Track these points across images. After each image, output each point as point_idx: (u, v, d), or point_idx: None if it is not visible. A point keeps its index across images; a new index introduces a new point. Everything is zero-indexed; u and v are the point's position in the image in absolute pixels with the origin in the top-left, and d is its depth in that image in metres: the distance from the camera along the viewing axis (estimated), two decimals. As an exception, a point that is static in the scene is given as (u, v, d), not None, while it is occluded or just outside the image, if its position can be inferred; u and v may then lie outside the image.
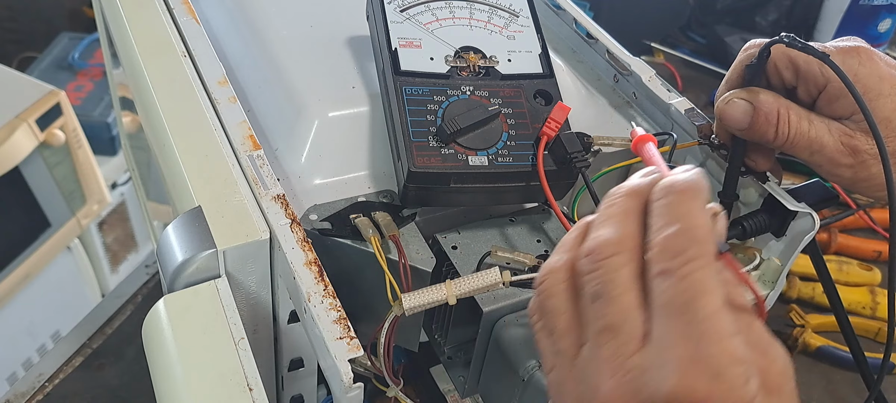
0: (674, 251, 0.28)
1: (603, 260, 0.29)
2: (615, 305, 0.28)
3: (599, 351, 0.28)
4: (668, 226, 0.28)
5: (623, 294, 0.28)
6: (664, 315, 0.27)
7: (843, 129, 0.42)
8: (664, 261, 0.28)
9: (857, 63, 0.41)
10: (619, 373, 0.27)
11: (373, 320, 0.40)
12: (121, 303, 0.73)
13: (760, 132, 0.43)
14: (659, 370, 0.27)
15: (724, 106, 0.44)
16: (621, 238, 0.29)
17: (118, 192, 1.43)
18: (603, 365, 0.28)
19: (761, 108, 0.42)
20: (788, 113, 0.42)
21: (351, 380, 0.32)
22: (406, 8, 0.47)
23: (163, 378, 0.34)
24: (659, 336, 0.27)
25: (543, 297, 0.31)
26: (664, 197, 0.29)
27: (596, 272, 0.29)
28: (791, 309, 0.75)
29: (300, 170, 0.45)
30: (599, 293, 0.29)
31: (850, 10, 1.03)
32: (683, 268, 0.27)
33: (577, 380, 0.29)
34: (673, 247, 0.28)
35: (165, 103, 0.44)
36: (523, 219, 0.46)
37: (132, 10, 0.50)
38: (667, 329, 0.27)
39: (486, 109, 0.43)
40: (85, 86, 1.42)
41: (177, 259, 0.36)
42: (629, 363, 0.27)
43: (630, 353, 0.28)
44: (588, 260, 0.29)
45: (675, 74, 1.07)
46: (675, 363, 0.26)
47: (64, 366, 0.67)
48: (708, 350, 0.26)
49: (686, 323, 0.27)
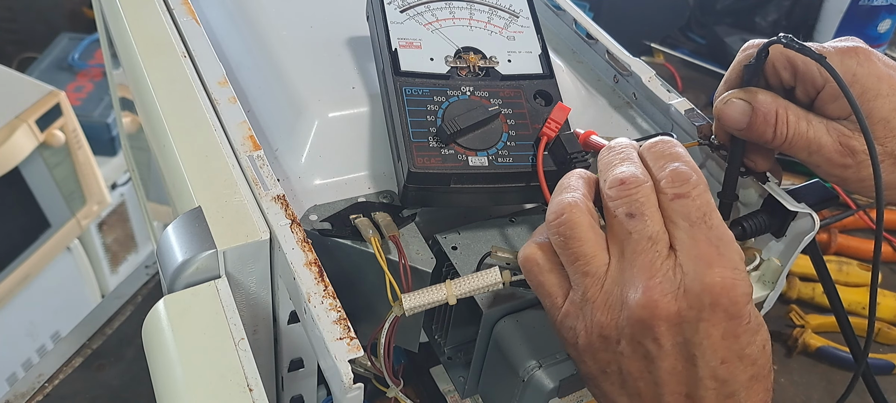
0: (683, 178, 0.34)
1: (636, 187, 0.34)
2: (652, 220, 0.34)
3: (637, 259, 0.33)
4: (672, 162, 0.35)
5: (655, 213, 0.34)
6: (686, 227, 0.34)
7: (841, 130, 0.42)
8: (678, 187, 0.34)
9: (855, 63, 0.42)
10: (658, 275, 0.33)
11: (373, 320, 0.40)
12: (121, 304, 0.73)
13: (759, 132, 0.43)
14: (694, 265, 0.33)
15: (722, 106, 0.44)
16: (643, 172, 0.35)
17: (118, 193, 1.43)
18: (641, 272, 0.33)
19: (759, 109, 0.43)
20: (787, 113, 0.42)
21: (351, 381, 0.32)
22: (406, 8, 0.47)
23: (163, 379, 0.34)
24: (685, 243, 0.33)
25: (567, 228, 0.35)
26: (656, 146, 0.36)
27: (629, 197, 0.34)
28: (791, 310, 0.75)
29: (300, 171, 0.45)
30: (636, 211, 0.34)
31: (849, 10, 1.03)
32: (694, 191, 0.34)
33: (609, 293, 0.34)
34: (682, 176, 0.34)
35: (165, 103, 0.44)
36: (523, 220, 0.46)
37: (132, 11, 0.50)
38: (691, 237, 0.33)
39: (486, 110, 0.43)
40: (85, 87, 1.42)
41: (177, 259, 0.36)
42: (666, 264, 0.33)
43: (666, 256, 0.33)
44: (621, 188, 0.35)
45: (675, 75, 1.07)
46: (705, 260, 0.33)
47: (64, 367, 0.67)
48: (725, 249, 0.33)
49: (706, 231, 0.33)
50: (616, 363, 0.35)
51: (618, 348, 0.34)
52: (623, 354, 0.34)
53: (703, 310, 0.33)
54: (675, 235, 0.34)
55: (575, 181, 0.37)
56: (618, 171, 0.36)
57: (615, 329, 0.34)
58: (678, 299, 0.33)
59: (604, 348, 0.35)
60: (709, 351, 0.33)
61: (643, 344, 0.34)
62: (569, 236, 0.35)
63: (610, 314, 0.34)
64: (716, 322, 0.33)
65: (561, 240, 0.35)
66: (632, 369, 0.35)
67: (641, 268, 0.33)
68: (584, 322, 0.35)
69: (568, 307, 0.36)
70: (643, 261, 0.33)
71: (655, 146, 0.36)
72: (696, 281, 0.33)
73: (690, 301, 0.33)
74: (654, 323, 0.33)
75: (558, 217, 0.35)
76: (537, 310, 0.42)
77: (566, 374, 0.39)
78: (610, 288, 0.34)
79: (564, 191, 0.36)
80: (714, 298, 0.32)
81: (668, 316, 0.33)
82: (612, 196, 0.35)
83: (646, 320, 0.33)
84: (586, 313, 0.35)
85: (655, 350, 0.33)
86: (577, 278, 0.35)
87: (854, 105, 0.40)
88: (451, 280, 0.37)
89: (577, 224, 0.35)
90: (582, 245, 0.35)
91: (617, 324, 0.34)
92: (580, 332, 0.35)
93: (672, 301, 0.33)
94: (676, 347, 0.33)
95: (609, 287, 0.34)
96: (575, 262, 0.35)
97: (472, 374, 0.45)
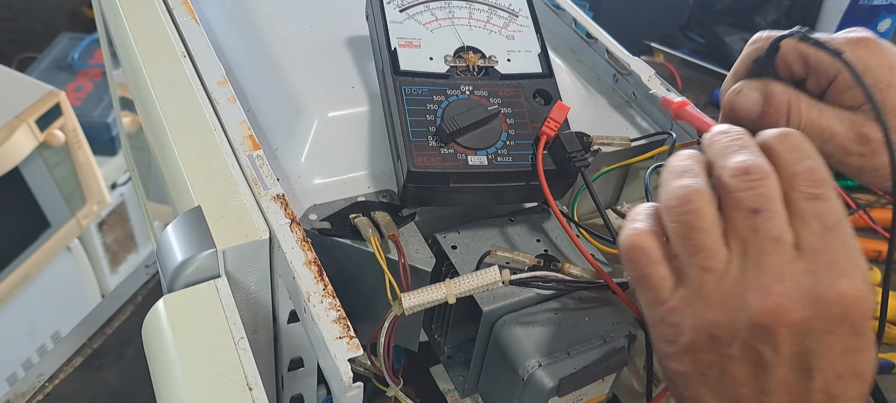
0: (819, 179, 0.32)
1: (760, 179, 0.32)
2: (778, 218, 0.31)
3: (764, 260, 0.31)
4: (805, 159, 0.32)
5: (781, 209, 0.31)
6: (819, 231, 0.31)
7: (853, 118, 0.42)
8: (816, 187, 0.32)
9: (867, 54, 0.42)
10: (787, 279, 0.30)
11: (372, 320, 0.40)
12: (121, 304, 0.73)
13: (771, 122, 0.43)
14: (827, 272, 0.30)
15: (734, 96, 0.44)
16: (765, 163, 0.32)
17: (118, 192, 1.43)
18: (768, 274, 0.31)
19: (772, 98, 0.43)
20: (799, 103, 0.42)
21: (350, 380, 0.32)
22: (405, 8, 0.47)
23: (163, 378, 0.34)
24: (817, 247, 0.31)
25: (694, 217, 0.32)
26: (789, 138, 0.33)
27: (753, 190, 0.31)
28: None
29: (300, 170, 0.45)
30: (760, 207, 0.31)
31: (849, 9, 1.03)
32: (830, 194, 0.32)
33: (729, 292, 0.31)
34: (817, 177, 0.32)
35: (165, 103, 0.44)
36: (523, 219, 0.46)
37: (132, 11, 0.50)
38: (824, 242, 0.31)
39: (486, 109, 0.43)
40: (85, 87, 1.42)
41: (176, 259, 0.36)
42: (796, 267, 0.31)
43: (794, 259, 0.31)
44: (743, 179, 0.32)
45: (675, 74, 1.07)
46: (839, 267, 0.30)
47: (64, 366, 0.67)
48: (858, 259, 0.31)
49: (841, 237, 0.31)
50: (719, 365, 0.32)
51: (728, 350, 0.32)
52: (733, 357, 0.32)
53: (830, 321, 0.30)
54: (804, 237, 0.31)
55: (693, 163, 0.34)
56: (740, 159, 0.32)
57: (729, 330, 0.31)
58: (806, 306, 0.30)
59: (710, 349, 0.32)
60: (828, 365, 0.31)
61: (758, 350, 0.31)
62: (694, 226, 0.32)
63: (726, 313, 0.31)
64: (841, 335, 0.31)
65: (683, 229, 0.32)
66: (738, 374, 0.32)
67: (769, 271, 0.31)
68: (693, 319, 0.32)
69: (676, 302, 0.33)
70: (770, 263, 0.31)
71: (788, 137, 0.33)
72: (829, 289, 0.30)
73: (820, 309, 0.30)
74: (778, 329, 0.31)
75: (684, 204, 0.32)
76: (537, 309, 0.42)
77: (566, 373, 0.39)
78: (730, 287, 0.31)
79: (685, 175, 0.33)
80: (844, 310, 0.30)
81: (793, 323, 0.30)
82: (734, 186, 0.32)
83: (769, 325, 0.31)
84: (698, 310, 0.32)
85: (771, 358, 0.31)
86: (693, 271, 0.32)
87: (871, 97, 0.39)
88: (450, 279, 0.37)
89: (704, 214, 0.32)
90: (706, 237, 0.32)
91: (732, 325, 0.31)
92: (686, 330, 0.33)
93: (799, 307, 0.30)
94: (794, 356, 0.31)
95: (729, 286, 0.31)
96: (696, 254, 0.32)
97: (472, 373, 0.45)
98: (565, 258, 0.44)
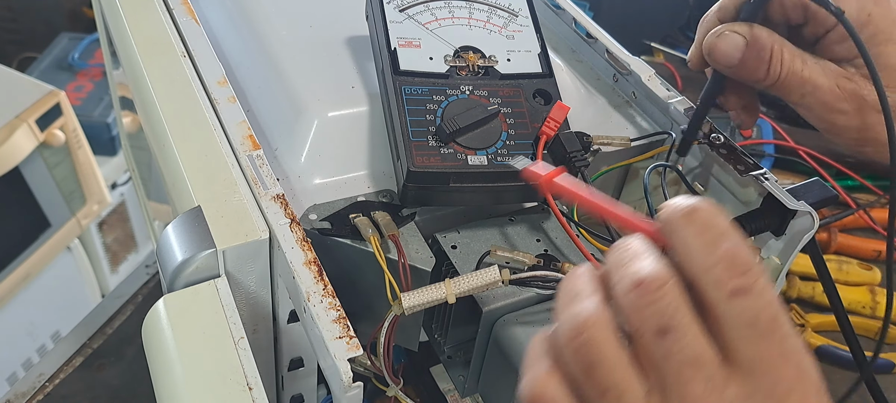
0: (740, 266, 0.25)
1: (657, 289, 0.26)
2: (690, 334, 0.25)
3: (686, 389, 0.25)
4: (719, 242, 0.26)
5: (692, 322, 0.26)
6: (751, 338, 0.25)
7: (841, 72, 0.40)
8: (735, 279, 0.25)
9: (871, 2, 0.40)
10: None
11: (372, 319, 0.40)
12: (121, 303, 0.73)
13: (750, 69, 0.41)
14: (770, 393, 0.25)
15: (715, 39, 0.41)
16: (664, 266, 0.26)
17: (118, 192, 1.43)
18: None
19: (755, 44, 0.40)
20: (782, 50, 0.40)
21: (350, 379, 0.32)
22: (405, 8, 0.47)
23: (163, 378, 0.34)
24: (752, 359, 0.25)
25: (591, 351, 0.27)
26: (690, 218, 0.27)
27: (653, 305, 0.26)
28: (791, 309, 0.75)
29: (300, 170, 0.45)
30: (667, 326, 0.25)
31: (849, 9, 1.03)
32: (757, 284, 0.25)
33: None
34: (738, 263, 0.25)
35: (165, 103, 0.44)
36: (523, 219, 0.46)
37: (132, 11, 0.50)
38: (760, 350, 0.25)
39: (486, 109, 0.43)
40: (85, 87, 1.42)
41: (176, 258, 0.36)
42: (728, 393, 0.25)
43: (724, 383, 0.25)
44: (637, 295, 0.26)
45: (675, 74, 1.07)
46: (786, 383, 0.25)
47: (64, 366, 0.67)
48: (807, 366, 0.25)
49: (780, 341, 0.25)
50: None
51: None
52: None
53: None
54: (734, 348, 0.25)
55: (584, 283, 0.28)
56: (632, 271, 0.27)
57: None
58: None
59: None
60: None
61: None
62: (592, 361, 0.27)
63: None
64: None
65: (583, 367, 0.27)
66: None
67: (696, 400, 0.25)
68: None
69: None
70: (694, 394, 0.25)
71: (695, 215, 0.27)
72: None
73: None
74: None
75: (577, 336, 0.27)
76: (537, 309, 0.42)
77: (566, 373, 0.39)
78: None
79: (576, 301, 0.28)
80: None
81: None
82: (630, 305, 0.26)
83: None
84: None
85: None
86: None
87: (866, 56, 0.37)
88: (450, 278, 0.37)
89: (601, 343, 0.26)
90: (611, 372, 0.26)
91: None
92: None
93: None
94: None
95: None
96: (604, 395, 0.27)
97: (472, 373, 0.45)
98: (565, 258, 0.44)
